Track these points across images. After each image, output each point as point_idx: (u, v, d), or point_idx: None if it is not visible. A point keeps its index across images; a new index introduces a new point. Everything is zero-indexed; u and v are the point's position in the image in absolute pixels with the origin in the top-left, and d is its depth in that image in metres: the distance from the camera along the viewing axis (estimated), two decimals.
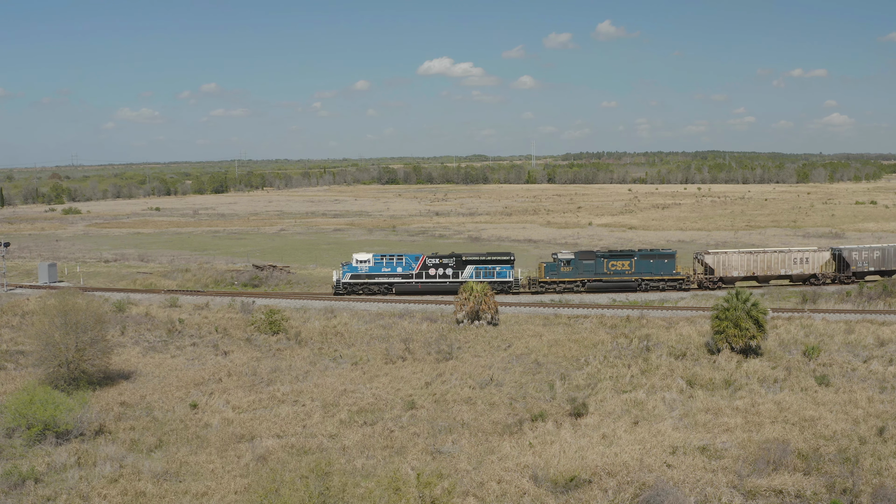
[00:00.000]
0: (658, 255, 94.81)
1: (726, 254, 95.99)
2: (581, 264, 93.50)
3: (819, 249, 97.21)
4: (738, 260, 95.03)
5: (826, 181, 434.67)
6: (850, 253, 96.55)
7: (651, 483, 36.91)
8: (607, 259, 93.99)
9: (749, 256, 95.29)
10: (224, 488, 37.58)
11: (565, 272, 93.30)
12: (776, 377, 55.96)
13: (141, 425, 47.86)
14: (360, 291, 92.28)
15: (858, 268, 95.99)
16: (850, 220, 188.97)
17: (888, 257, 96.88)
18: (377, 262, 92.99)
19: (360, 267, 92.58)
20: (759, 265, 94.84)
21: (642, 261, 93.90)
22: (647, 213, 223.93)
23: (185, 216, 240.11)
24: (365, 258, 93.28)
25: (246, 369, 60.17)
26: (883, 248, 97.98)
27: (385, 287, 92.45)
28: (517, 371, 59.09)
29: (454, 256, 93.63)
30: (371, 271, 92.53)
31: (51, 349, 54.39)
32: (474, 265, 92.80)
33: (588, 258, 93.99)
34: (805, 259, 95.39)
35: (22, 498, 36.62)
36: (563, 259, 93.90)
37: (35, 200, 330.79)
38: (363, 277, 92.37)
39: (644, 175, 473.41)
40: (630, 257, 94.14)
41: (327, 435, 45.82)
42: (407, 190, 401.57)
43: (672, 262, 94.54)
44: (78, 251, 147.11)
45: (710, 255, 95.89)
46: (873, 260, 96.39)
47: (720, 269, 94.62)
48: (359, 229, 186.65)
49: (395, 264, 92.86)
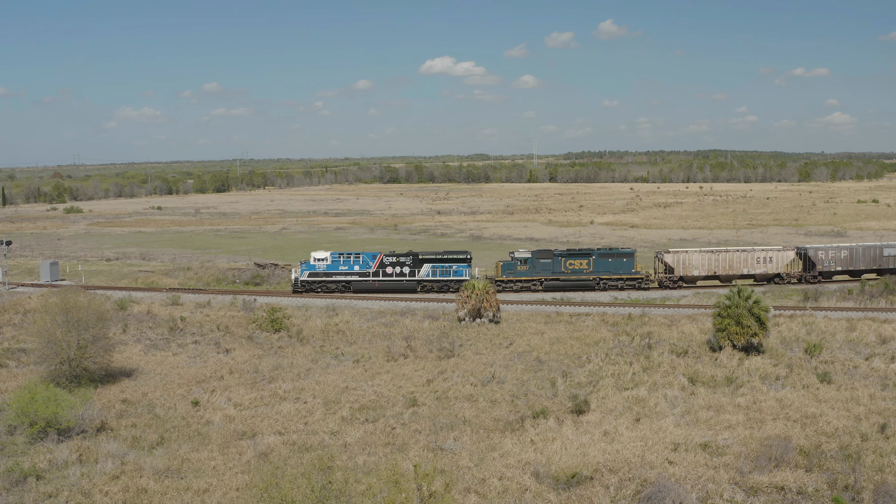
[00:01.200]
0: (617, 254, 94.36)
1: (686, 253, 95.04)
2: (538, 263, 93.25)
3: (784, 249, 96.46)
4: (699, 259, 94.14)
5: (828, 180, 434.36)
6: (816, 252, 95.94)
7: (653, 479, 36.90)
8: (565, 258, 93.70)
9: (710, 255, 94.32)
10: (225, 485, 37.60)
11: (522, 271, 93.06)
12: (778, 374, 55.95)
13: (143, 422, 47.88)
14: (319, 289, 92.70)
15: (825, 267, 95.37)
16: (852, 218, 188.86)
17: (856, 257, 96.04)
18: (335, 260, 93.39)
19: (317, 265, 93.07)
20: (720, 264, 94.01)
21: (601, 260, 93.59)
22: (648, 211, 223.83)
23: (186, 215, 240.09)
24: (322, 256, 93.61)
25: (248, 367, 60.20)
26: (850, 247, 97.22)
27: (343, 285, 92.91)
28: (519, 368, 59.07)
29: (411, 255, 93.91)
30: (329, 269, 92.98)
31: (53, 347, 54.39)
32: (431, 264, 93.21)
33: (545, 257, 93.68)
34: (769, 258, 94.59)
35: (24, 495, 36.61)
36: (520, 258, 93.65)
37: (37, 199, 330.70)
38: (321, 275, 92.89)
39: (646, 174, 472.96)
40: (588, 256, 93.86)
41: (329, 432, 45.84)
42: (409, 189, 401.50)
43: (631, 261, 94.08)
44: (80, 250, 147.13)
45: (670, 255, 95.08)
46: (840, 259, 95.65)
47: (680, 269, 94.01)
48: (361, 228, 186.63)
49: (352, 263, 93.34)
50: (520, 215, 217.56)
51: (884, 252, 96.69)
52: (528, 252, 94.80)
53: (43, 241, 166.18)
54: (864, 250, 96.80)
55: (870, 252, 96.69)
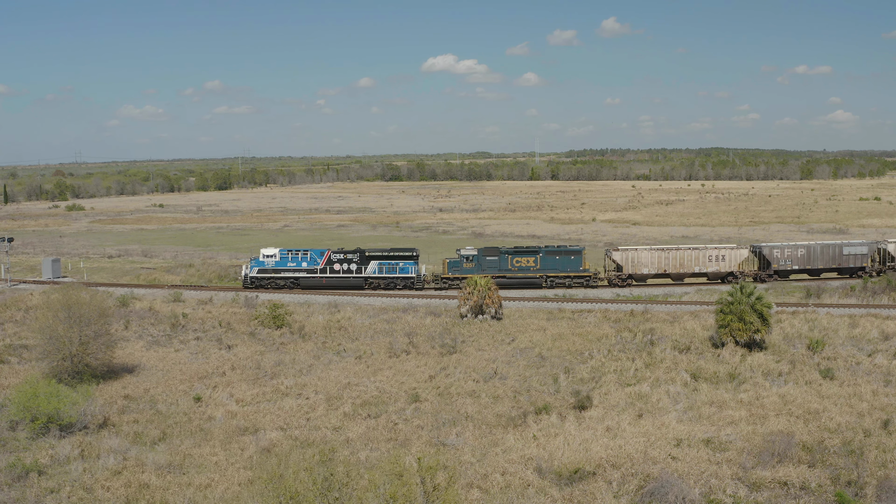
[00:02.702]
0: (564, 252, 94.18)
1: (636, 250, 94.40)
2: (485, 260, 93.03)
3: (738, 247, 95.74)
4: (649, 257, 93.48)
5: (830, 178, 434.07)
6: (772, 251, 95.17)
7: (655, 475, 36.86)
8: (512, 255, 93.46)
9: (660, 254, 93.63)
10: (227, 480, 37.57)
11: (468, 268, 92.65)
12: (780, 370, 55.89)
13: (144, 418, 47.87)
14: (268, 286, 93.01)
15: (780, 266, 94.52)
16: (854, 216, 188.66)
17: (813, 256, 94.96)
18: (283, 256, 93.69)
19: (266, 262, 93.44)
20: (670, 262, 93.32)
21: (548, 257, 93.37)
22: (650, 209, 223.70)
23: (188, 213, 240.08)
24: (271, 253, 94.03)
25: (250, 363, 60.19)
26: (808, 245, 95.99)
27: (291, 282, 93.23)
28: (521, 364, 59.03)
29: (358, 252, 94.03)
30: (277, 266, 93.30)
31: (54, 343, 54.38)
32: (378, 261, 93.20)
33: (492, 254, 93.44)
34: (721, 257, 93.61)
35: (25, 490, 36.59)
36: (466, 255, 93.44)
37: (39, 197, 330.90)
38: (269, 272, 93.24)
39: (648, 172, 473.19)
40: (535, 254, 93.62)
41: (331, 427, 45.81)
42: (410, 186, 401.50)
43: (579, 258, 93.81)
44: (82, 247, 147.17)
45: (619, 252, 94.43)
46: (797, 258, 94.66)
47: (629, 266, 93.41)
48: (362, 225, 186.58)
49: (300, 259, 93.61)
50: (522, 213, 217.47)
51: (844, 251, 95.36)
52: (474, 249, 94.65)
53: (45, 238, 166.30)
54: (822, 249, 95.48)
55: (829, 251, 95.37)
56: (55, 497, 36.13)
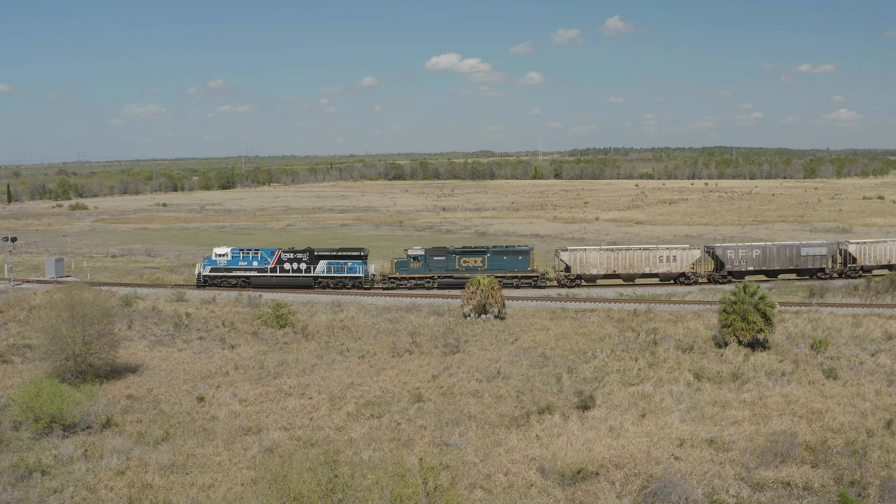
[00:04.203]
0: (512, 252, 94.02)
1: (584, 251, 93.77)
2: (432, 260, 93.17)
3: (690, 248, 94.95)
4: (597, 257, 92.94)
5: (833, 177, 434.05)
6: (725, 251, 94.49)
7: (658, 475, 36.87)
8: (459, 255, 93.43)
9: (609, 254, 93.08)
10: (231, 480, 37.63)
11: (415, 268, 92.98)
12: (784, 370, 55.87)
13: (148, 418, 47.93)
14: (220, 284, 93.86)
15: (734, 267, 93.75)
16: (858, 215, 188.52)
17: (769, 257, 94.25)
18: (234, 255, 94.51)
19: (218, 261, 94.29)
20: (619, 263, 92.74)
21: (495, 257, 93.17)
22: (654, 208, 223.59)
23: (191, 212, 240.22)
24: (223, 252, 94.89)
25: (253, 363, 60.24)
26: (764, 246, 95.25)
27: (242, 280, 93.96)
28: (524, 364, 59.04)
29: (308, 251, 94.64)
30: (229, 265, 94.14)
31: (58, 343, 54.44)
32: (327, 260, 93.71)
33: (439, 254, 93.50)
34: (672, 257, 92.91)
35: (29, 490, 36.65)
36: (413, 255, 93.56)
37: (42, 196, 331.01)
38: (222, 270, 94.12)
39: (651, 171, 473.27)
40: (483, 254, 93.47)
41: (334, 427, 45.87)
42: (414, 185, 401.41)
43: (527, 258, 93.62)
44: (85, 246, 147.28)
45: (568, 252, 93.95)
46: (752, 259, 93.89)
47: (577, 267, 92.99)
48: (365, 224, 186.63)
49: (251, 258, 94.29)
50: (525, 212, 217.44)
51: (801, 251, 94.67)
52: (421, 249, 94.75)
53: (48, 237, 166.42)
54: (779, 250, 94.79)
55: (785, 251, 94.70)
56: (58, 497, 36.19)
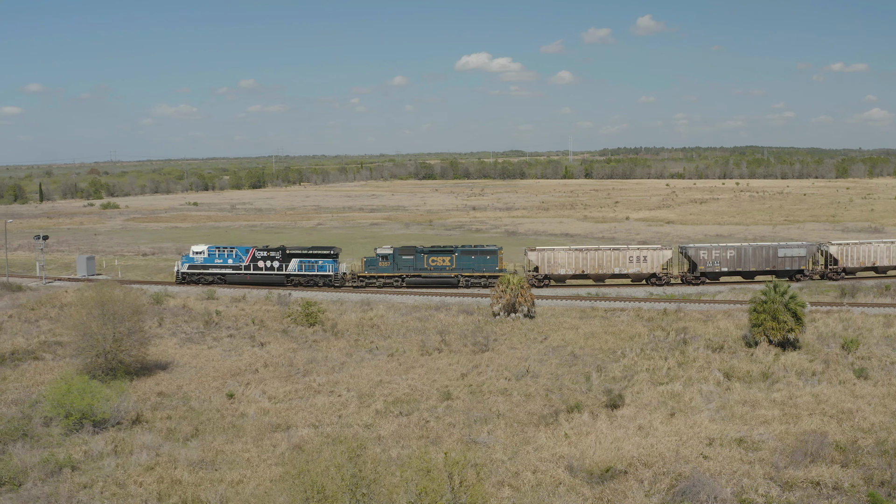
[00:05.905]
0: (480, 252, 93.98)
1: (553, 251, 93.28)
2: (400, 259, 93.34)
3: (661, 248, 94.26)
4: (566, 257, 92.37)
5: (865, 176, 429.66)
6: (698, 252, 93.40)
7: (687, 474, 36.67)
8: (427, 255, 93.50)
9: (577, 254, 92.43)
10: (259, 476, 37.76)
11: (384, 267, 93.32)
12: (814, 370, 55.41)
13: (178, 415, 48.19)
14: (198, 281, 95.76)
15: (707, 268, 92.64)
16: (890, 214, 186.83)
17: (745, 258, 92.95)
18: (211, 253, 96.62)
19: (196, 258, 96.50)
20: (588, 263, 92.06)
21: (463, 257, 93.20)
22: (684, 207, 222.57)
23: (222, 211, 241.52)
24: (200, 250, 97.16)
25: (282, 360, 60.45)
26: (739, 247, 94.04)
27: (218, 277, 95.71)
28: (553, 363, 58.93)
29: (281, 250, 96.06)
30: (206, 262, 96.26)
31: (88, 340, 54.82)
32: (299, 258, 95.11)
33: (408, 253, 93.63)
34: (643, 258, 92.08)
35: (59, 485, 36.90)
36: (382, 254, 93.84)
37: (74, 195, 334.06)
38: (199, 268, 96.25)
39: (682, 170, 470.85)
40: (451, 253, 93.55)
41: (363, 425, 45.93)
42: (444, 185, 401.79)
43: (494, 258, 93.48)
44: (116, 245, 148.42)
45: (535, 252, 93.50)
46: (726, 260, 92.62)
47: (545, 267, 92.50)
48: (395, 223, 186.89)
49: (226, 256, 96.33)
50: (555, 211, 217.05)
51: (779, 252, 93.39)
52: (390, 248, 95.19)
53: (79, 236, 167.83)
54: (754, 251, 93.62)
55: (761, 252, 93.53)
56: (88, 492, 36.44)
